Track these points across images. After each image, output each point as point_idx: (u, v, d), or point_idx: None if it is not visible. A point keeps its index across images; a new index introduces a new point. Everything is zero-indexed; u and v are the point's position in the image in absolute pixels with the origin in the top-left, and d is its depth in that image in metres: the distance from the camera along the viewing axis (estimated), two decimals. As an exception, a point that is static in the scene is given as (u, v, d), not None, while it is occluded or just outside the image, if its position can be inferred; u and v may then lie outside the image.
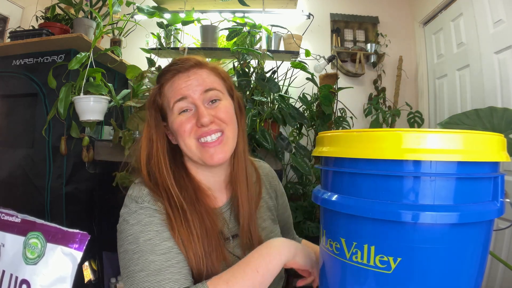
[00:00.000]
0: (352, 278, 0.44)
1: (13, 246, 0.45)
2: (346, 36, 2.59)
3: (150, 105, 0.73)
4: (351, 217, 0.43)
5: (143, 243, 0.61)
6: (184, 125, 0.68)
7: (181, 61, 0.72)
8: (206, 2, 2.25)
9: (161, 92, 0.72)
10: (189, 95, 0.68)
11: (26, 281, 0.42)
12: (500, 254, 1.60)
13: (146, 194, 0.67)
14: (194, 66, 0.71)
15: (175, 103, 0.68)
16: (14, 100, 1.69)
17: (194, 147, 0.68)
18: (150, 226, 0.63)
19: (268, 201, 0.85)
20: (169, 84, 0.70)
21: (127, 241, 0.62)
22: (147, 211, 0.65)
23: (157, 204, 0.66)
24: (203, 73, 0.71)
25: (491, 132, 0.41)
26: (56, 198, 1.56)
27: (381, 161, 0.40)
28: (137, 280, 0.58)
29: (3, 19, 2.15)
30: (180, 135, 0.68)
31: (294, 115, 1.73)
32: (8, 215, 0.46)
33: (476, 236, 0.41)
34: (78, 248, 0.42)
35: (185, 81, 0.69)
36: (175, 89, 0.69)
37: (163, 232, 0.63)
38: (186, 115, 0.68)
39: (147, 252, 0.60)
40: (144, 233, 0.62)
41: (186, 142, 0.68)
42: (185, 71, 0.70)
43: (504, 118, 1.02)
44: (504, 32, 1.64)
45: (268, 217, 0.82)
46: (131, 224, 0.63)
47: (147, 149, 0.71)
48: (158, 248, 0.61)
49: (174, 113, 0.69)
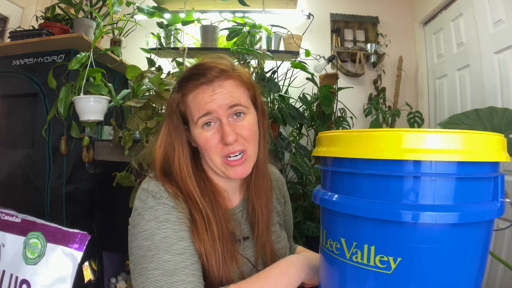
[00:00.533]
0: (352, 278, 0.44)
1: (13, 246, 0.45)
2: (346, 36, 2.59)
3: (172, 111, 0.70)
4: (351, 217, 0.43)
5: (158, 240, 0.60)
6: (210, 141, 0.66)
7: (204, 68, 0.67)
8: (206, 2, 2.25)
9: (183, 101, 0.69)
10: (214, 110, 0.65)
11: (26, 281, 0.42)
12: (500, 254, 1.60)
13: (164, 190, 0.66)
14: (218, 77, 0.67)
15: (199, 118, 0.66)
16: (14, 100, 1.69)
17: (219, 163, 0.68)
18: (167, 223, 0.62)
19: (277, 206, 0.86)
20: (192, 96, 0.67)
21: (141, 237, 0.61)
22: (165, 208, 0.64)
23: (175, 202, 0.65)
24: (228, 85, 0.67)
25: (491, 132, 0.41)
26: (56, 198, 1.56)
27: (381, 161, 0.40)
28: (150, 279, 0.58)
29: (3, 19, 2.15)
30: (206, 150, 0.67)
31: (294, 115, 1.73)
32: (8, 215, 0.46)
33: (476, 236, 0.41)
34: (78, 248, 0.42)
35: (210, 96, 0.66)
36: (199, 103, 0.66)
37: (180, 231, 0.62)
38: (211, 130, 0.67)
39: (163, 250, 0.59)
40: (161, 230, 0.61)
41: (212, 158, 0.68)
42: (210, 84, 0.66)
43: (504, 118, 1.02)
44: (504, 32, 1.64)
45: (276, 222, 0.83)
46: (147, 220, 0.62)
47: (166, 154, 0.69)
48: (174, 247, 0.60)
49: (198, 127, 0.67)
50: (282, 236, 0.83)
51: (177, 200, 0.66)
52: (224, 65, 0.68)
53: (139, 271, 0.59)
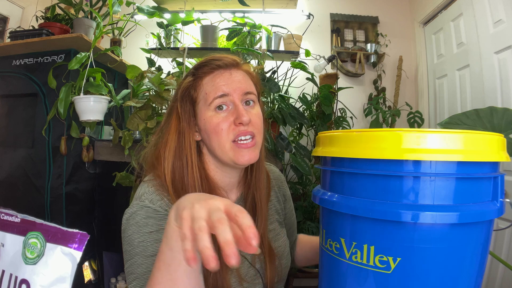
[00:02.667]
0: (352, 278, 0.44)
1: (13, 246, 0.44)
2: (346, 36, 2.59)
3: (183, 96, 0.70)
4: (351, 217, 0.43)
5: (136, 244, 0.61)
6: (222, 124, 0.66)
7: (220, 57, 0.70)
8: (206, 2, 2.25)
9: (197, 85, 0.69)
10: (230, 93, 0.66)
11: (26, 281, 0.42)
12: (500, 254, 1.60)
13: (151, 192, 0.66)
14: (234, 65, 0.70)
15: (215, 99, 0.66)
16: (14, 100, 1.69)
17: (228, 147, 0.67)
18: (145, 227, 0.62)
19: (276, 204, 0.86)
20: (209, 78, 0.68)
21: (126, 242, 0.63)
22: (145, 212, 0.64)
23: (158, 203, 0.65)
24: (241, 74, 0.70)
25: (491, 132, 0.41)
26: (56, 198, 1.56)
27: (381, 161, 0.40)
28: (131, 283, 0.59)
29: (3, 19, 2.15)
30: (216, 133, 0.66)
31: (294, 115, 1.73)
32: (8, 215, 0.46)
33: (476, 236, 0.41)
34: (77, 248, 0.42)
35: (228, 78, 0.67)
36: (216, 85, 0.67)
37: (156, 233, 0.62)
38: (223, 113, 0.66)
39: (138, 254, 0.60)
40: (139, 235, 0.61)
41: (222, 141, 0.66)
42: (227, 68, 0.69)
43: (504, 118, 1.02)
44: (504, 32, 1.64)
45: (275, 220, 0.83)
46: (130, 224, 0.63)
47: (176, 143, 0.68)
48: (148, 250, 0.60)
49: (210, 109, 0.67)
50: (281, 234, 0.83)
51: (162, 202, 0.65)
52: (237, 58, 0.72)
53: (126, 276, 0.61)
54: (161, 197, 0.66)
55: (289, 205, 0.92)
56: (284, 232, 0.85)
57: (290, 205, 0.92)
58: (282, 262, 0.78)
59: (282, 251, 0.79)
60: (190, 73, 0.72)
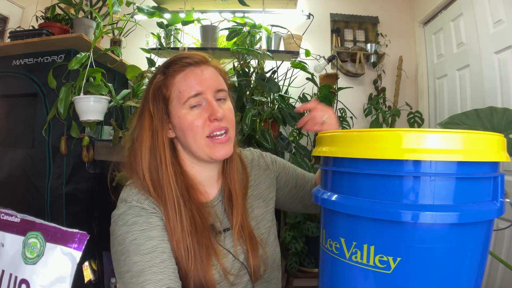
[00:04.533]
0: (352, 278, 0.44)
1: (13, 246, 0.44)
2: (346, 36, 2.58)
3: (155, 95, 0.70)
4: (351, 217, 0.43)
5: (128, 243, 0.61)
6: (196, 120, 0.67)
7: (188, 55, 0.71)
8: (206, 2, 2.25)
9: (168, 84, 0.69)
10: (203, 91, 0.68)
11: (26, 281, 0.42)
12: (500, 254, 1.59)
13: (135, 193, 0.67)
14: (203, 62, 0.71)
15: (189, 98, 0.67)
16: (14, 100, 1.69)
17: (203, 144, 0.68)
18: (135, 226, 0.62)
19: (261, 187, 0.83)
20: (181, 76, 0.69)
21: (117, 243, 0.63)
22: (134, 211, 0.64)
23: (145, 203, 0.66)
24: (211, 71, 0.71)
25: (491, 132, 0.41)
26: (56, 198, 1.56)
27: (381, 161, 0.40)
28: (125, 282, 0.59)
29: (3, 19, 2.15)
30: (192, 130, 0.67)
31: (294, 115, 1.73)
32: (8, 215, 0.46)
33: (476, 236, 0.41)
34: (77, 248, 0.42)
35: (199, 76, 0.69)
36: (189, 83, 0.68)
37: (148, 230, 0.62)
38: (197, 111, 0.68)
39: (132, 252, 0.60)
40: (130, 234, 0.62)
41: (197, 138, 0.68)
42: (197, 65, 0.70)
43: (504, 118, 1.02)
44: (504, 32, 1.64)
45: (257, 206, 0.81)
46: (119, 226, 0.64)
47: (150, 142, 0.69)
48: (142, 247, 0.60)
49: (184, 108, 0.68)
50: (267, 218, 0.81)
51: (148, 201, 0.66)
52: (206, 55, 0.73)
53: (118, 276, 0.61)
54: (146, 196, 0.67)
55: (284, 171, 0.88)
56: (270, 216, 0.83)
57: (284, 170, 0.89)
58: (267, 250, 0.76)
59: (266, 238, 0.78)
60: (160, 71, 0.72)
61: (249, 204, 0.79)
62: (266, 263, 0.75)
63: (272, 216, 0.84)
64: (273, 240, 0.81)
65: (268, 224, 0.81)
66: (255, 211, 0.80)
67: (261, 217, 0.80)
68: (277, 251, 0.81)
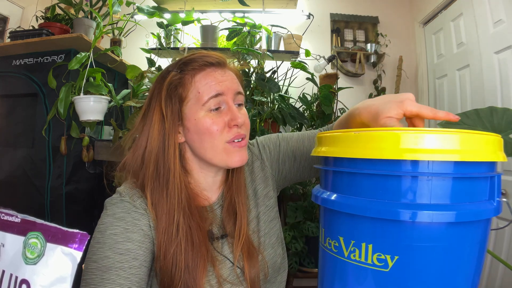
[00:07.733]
0: (350, 276, 0.44)
1: (13, 246, 0.45)
2: (346, 36, 2.59)
3: (170, 94, 0.64)
4: (350, 216, 0.43)
5: (108, 235, 0.58)
6: (215, 124, 0.62)
7: (208, 54, 0.66)
8: (206, 2, 2.25)
9: (186, 82, 0.64)
10: (224, 92, 0.63)
11: (26, 281, 0.42)
12: (500, 254, 1.60)
13: (131, 188, 0.64)
14: (224, 64, 0.67)
15: (210, 99, 0.62)
16: (14, 100, 1.70)
17: (220, 149, 0.64)
18: (121, 221, 0.60)
19: (258, 190, 0.77)
20: (202, 75, 0.64)
21: (98, 229, 0.60)
22: (125, 206, 0.62)
23: (137, 201, 0.63)
24: (231, 74, 0.68)
25: (488, 132, 0.41)
26: (56, 198, 1.57)
27: (379, 161, 0.40)
28: (88, 269, 0.56)
29: (3, 19, 2.15)
30: (210, 135, 0.62)
31: (294, 115, 1.73)
32: (8, 215, 0.47)
33: (473, 235, 0.41)
34: (78, 248, 0.42)
35: (221, 76, 0.64)
36: (210, 83, 0.63)
37: (130, 232, 0.59)
38: (215, 113, 0.63)
39: (107, 245, 0.57)
40: (113, 226, 0.59)
41: (215, 143, 0.63)
42: (219, 66, 0.66)
43: (504, 118, 1.02)
44: (504, 32, 1.64)
45: (259, 212, 0.76)
46: (107, 214, 0.61)
47: (160, 147, 0.63)
48: (118, 246, 0.57)
49: (203, 110, 0.62)
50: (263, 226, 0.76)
51: (141, 200, 0.63)
52: (223, 56, 0.69)
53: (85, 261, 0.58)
54: (141, 194, 0.64)
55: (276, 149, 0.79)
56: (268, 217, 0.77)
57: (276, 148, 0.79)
58: (265, 254, 0.71)
59: (264, 241, 0.73)
60: (175, 68, 0.66)
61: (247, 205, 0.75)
62: (265, 268, 0.70)
63: (275, 214, 0.79)
64: (275, 241, 0.75)
65: (266, 224, 0.76)
66: (252, 212, 0.75)
67: (261, 217, 0.76)
68: (278, 252, 0.75)
